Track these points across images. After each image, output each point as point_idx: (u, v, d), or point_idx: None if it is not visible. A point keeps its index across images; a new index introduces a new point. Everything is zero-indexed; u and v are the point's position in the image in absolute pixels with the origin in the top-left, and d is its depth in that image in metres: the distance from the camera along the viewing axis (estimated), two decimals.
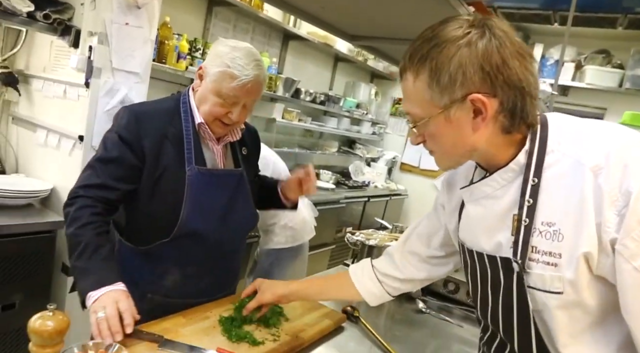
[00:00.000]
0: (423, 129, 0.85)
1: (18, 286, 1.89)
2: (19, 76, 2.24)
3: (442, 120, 0.81)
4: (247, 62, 1.29)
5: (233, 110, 1.31)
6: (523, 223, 0.82)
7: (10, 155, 2.34)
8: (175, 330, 1.16)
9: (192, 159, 1.32)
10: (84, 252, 1.16)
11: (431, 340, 1.48)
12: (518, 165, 0.85)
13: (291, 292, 1.29)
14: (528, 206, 0.82)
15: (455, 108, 0.80)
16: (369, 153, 5.25)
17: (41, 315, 0.71)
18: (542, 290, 0.82)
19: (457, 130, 0.82)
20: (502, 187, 0.87)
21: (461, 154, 0.87)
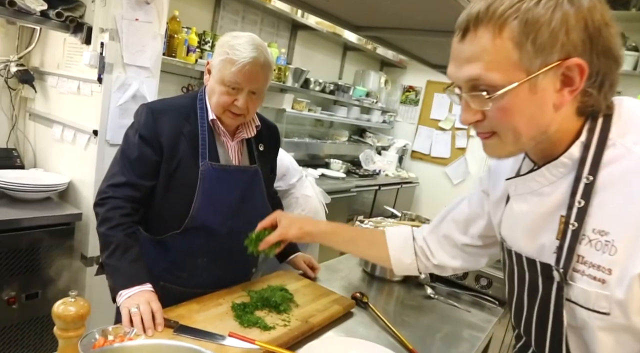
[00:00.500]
0: (493, 102, 0.69)
1: (40, 276, 1.97)
2: (35, 73, 2.30)
3: (525, 90, 0.67)
4: (246, 47, 1.31)
5: (238, 97, 1.33)
6: (570, 227, 0.71)
7: (29, 151, 2.42)
8: (189, 316, 1.21)
9: (205, 155, 1.36)
10: (114, 252, 1.25)
11: (439, 325, 1.51)
12: (571, 159, 0.73)
13: (319, 232, 1.22)
14: (579, 208, 0.71)
15: (544, 75, 0.66)
16: (380, 141, 5.26)
17: (64, 301, 0.76)
18: (584, 307, 0.71)
19: (537, 104, 0.68)
20: (551, 183, 0.76)
21: (532, 136, 0.72)
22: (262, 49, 1.35)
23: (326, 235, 1.23)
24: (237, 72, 1.30)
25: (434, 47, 1.84)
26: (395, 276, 1.83)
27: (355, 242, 1.26)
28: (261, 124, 1.52)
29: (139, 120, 1.36)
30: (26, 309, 1.95)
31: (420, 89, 5.46)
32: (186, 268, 1.42)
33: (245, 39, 1.34)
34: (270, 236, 1.21)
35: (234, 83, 1.32)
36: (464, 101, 0.72)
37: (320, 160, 4.58)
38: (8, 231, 1.84)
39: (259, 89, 1.37)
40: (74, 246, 2.09)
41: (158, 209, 1.40)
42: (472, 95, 0.70)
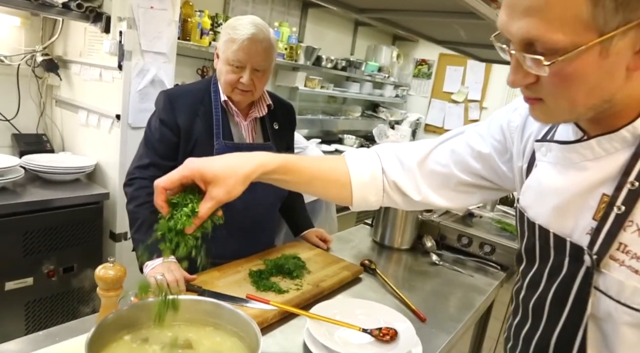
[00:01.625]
0: (550, 65, 0.56)
1: (74, 251, 2.14)
2: (59, 62, 2.43)
3: (594, 54, 0.55)
4: (245, 26, 1.40)
5: (243, 75, 1.42)
6: (615, 210, 0.63)
7: (57, 135, 2.57)
8: (211, 282, 1.34)
9: (220, 134, 1.47)
10: (141, 227, 1.39)
11: (444, 289, 1.61)
12: (633, 135, 0.62)
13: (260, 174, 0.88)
14: (630, 190, 0.62)
15: (621, 35, 0.54)
16: (393, 116, 5.31)
17: (104, 266, 0.89)
18: (614, 299, 0.64)
19: (606, 71, 0.57)
20: (598, 158, 0.66)
21: (591, 105, 0.61)
22: (262, 27, 1.43)
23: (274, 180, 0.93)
24: (237, 50, 1.39)
25: (439, 26, 1.88)
26: (403, 244, 1.95)
27: (312, 183, 0.98)
28: (276, 103, 1.61)
29: (159, 106, 1.48)
30: (64, 281, 2.13)
31: (433, 62, 5.45)
32: (207, 241, 1.53)
33: (246, 20, 1.43)
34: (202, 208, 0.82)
35: (236, 61, 1.41)
36: (515, 59, 0.61)
37: (334, 136, 4.67)
38: (44, 210, 2.01)
39: (262, 65, 1.44)
40: (103, 223, 2.26)
41: None
42: (526, 57, 0.58)
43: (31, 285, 2.01)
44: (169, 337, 0.81)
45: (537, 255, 0.77)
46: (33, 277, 2.01)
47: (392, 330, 1.16)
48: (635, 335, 0.64)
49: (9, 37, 2.33)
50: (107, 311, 0.90)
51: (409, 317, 1.26)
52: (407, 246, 1.95)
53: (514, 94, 4.82)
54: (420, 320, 1.35)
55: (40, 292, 2.06)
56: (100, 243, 2.26)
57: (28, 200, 1.96)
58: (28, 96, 2.45)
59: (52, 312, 2.13)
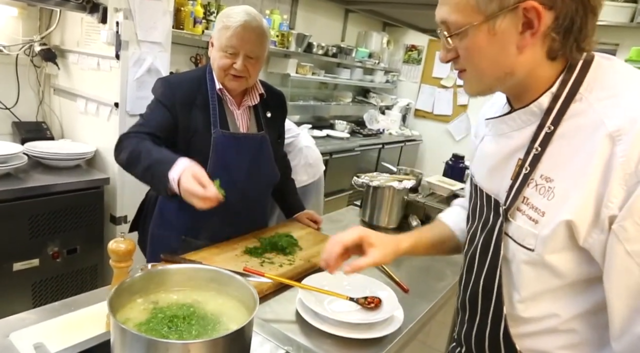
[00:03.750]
0: (459, 41, 0.76)
1: (77, 234, 2.25)
2: (56, 51, 2.49)
3: (484, 32, 0.72)
4: (239, 13, 1.47)
5: (236, 61, 1.48)
6: (523, 171, 0.78)
7: (56, 123, 2.65)
8: (210, 258, 1.45)
9: (217, 123, 1.53)
10: (144, 155, 1.36)
11: (425, 263, 1.70)
12: (539, 109, 0.77)
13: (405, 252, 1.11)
14: (534, 154, 0.76)
15: (502, 17, 0.70)
16: (383, 101, 5.40)
17: (116, 240, 0.99)
18: (516, 242, 0.79)
19: (499, 46, 0.73)
20: (520, 129, 0.81)
21: (496, 76, 0.77)
22: (255, 16, 1.50)
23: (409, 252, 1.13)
24: (231, 36, 1.45)
25: (422, 15, 1.97)
26: (390, 224, 2.06)
27: (435, 247, 1.18)
28: (267, 92, 1.67)
29: (157, 91, 1.53)
30: (68, 262, 2.24)
31: (423, 48, 5.53)
32: (203, 225, 1.58)
33: (240, 9, 1.50)
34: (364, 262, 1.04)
35: (229, 47, 1.47)
36: (442, 40, 0.80)
37: (326, 122, 4.76)
38: (47, 195, 2.10)
39: (255, 52, 1.50)
40: (104, 207, 2.36)
41: None
42: (443, 35, 0.78)
43: (37, 266, 2.12)
44: (174, 299, 0.92)
45: (477, 212, 0.92)
46: (39, 259, 2.12)
47: (376, 298, 1.28)
48: (532, 272, 0.78)
49: (7, 27, 2.39)
50: (119, 281, 1.01)
51: (393, 288, 1.36)
52: (394, 225, 2.07)
53: None
54: (403, 290, 1.46)
55: (46, 273, 2.17)
56: (101, 226, 2.36)
57: (32, 185, 2.05)
58: (27, 85, 2.52)
59: (57, 291, 2.24)
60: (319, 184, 2.85)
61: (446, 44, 0.78)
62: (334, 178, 3.07)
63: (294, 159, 2.63)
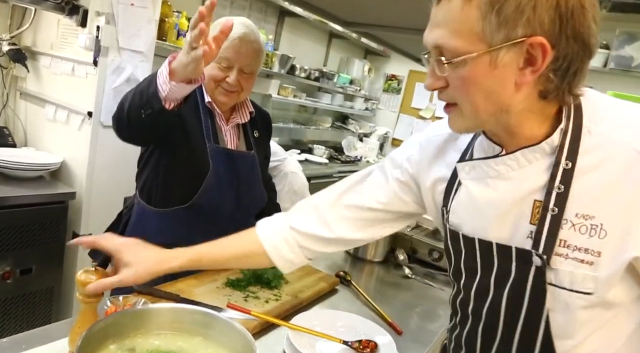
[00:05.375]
0: (452, 70, 0.69)
1: (34, 252, 2.03)
2: (27, 53, 2.32)
3: (484, 63, 0.67)
4: (236, 25, 1.36)
5: (230, 74, 1.38)
6: (550, 213, 0.71)
7: (19, 129, 2.44)
8: (188, 291, 1.31)
9: (210, 137, 1.42)
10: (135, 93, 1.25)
11: (416, 302, 1.64)
12: (551, 146, 0.72)
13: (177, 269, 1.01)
14: (558, 193, 0.71)
15: (506, 50, 0.65)
16: (362, 128, 5.38)
17: (86, 270, 0.84)
18: (567, 289, 0.72)
19: (497, 81, 0.68)
20: (522, 168, 0.75)
21: (490, 112, 0.71)
22: (253, 29, 1.40)
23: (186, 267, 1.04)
24: (226, 48, 1.34)
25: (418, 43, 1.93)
26: (376, 257, 1.96)
27: (229, 263, 1.10)
28: (255, 111, 1.58)
29: None
30: (20, 284, 2.02)
31: (403, 78, 5.57)
32: (183, 245, 1.47)
33: (238, 20, 1.40)
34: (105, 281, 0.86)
35: (224, 59, 1.36)
36: (431, 66, 0.72)
37: (304, 146, 4.68)
38: (3, 208, 1.90)
39: (250, 67, 1.40)
40: (67, 224, 2.16)
41: (164, 180, 1.45)
42: (435, 60, 0.70)
43: None
44: (155, 345, 0.78)
45: (479, 267, 0.82)
46: None
47: (372, 342, 1.17)
48: (588, 314, 0.73)
49: None
50: (86, 317, 0.86)
51: (386, 330, 1.27)
52: (379, 259, 1.97)
53: None
54: (397, 332, 1.36)
55: None
56: (62, 245, 2.15)
57: None
58: None
59: (6, 316, 2.01)
60: None
61: (437, 71, 0.71)
62: None
63: (278, 185, 2.51)
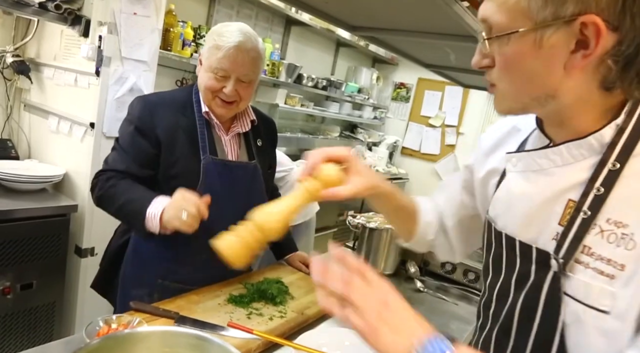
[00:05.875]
0: (497, 47, 0.64)
1: (34, 267, 1.98)
2: (30, 64, 2.30)
3: (529, 41, 0.61)
4: (233, 33, 1.31)
5: (226, 84, 1.32)
6: (582, 215, 0.64)
7: (23, 141, 2.42)
8: (189, 308, 1.25)
9: (206, 149, 1.36)
10: (120, 194, 1.27)
11: (428, 317, 1.53)
12: (600, 143, 0.64)
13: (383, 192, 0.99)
14: (596, 195, 0.63)
15: (554, 29, 0.58)
16: (371, 137, 5.31)
17: None
18: (581, 302, 0.64)
19: (543, 62, 0.61)
20: (566, 164, 0.67)
21: (534, 96, 0.65)
22: (250, 36, 1.34)
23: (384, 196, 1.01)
24: (222, 58, 1.30)
25: (428, 48, 1.87)
26: (386, 270, 1.89)
27: (397, 212, 1.07)
28: (259, 119, 1.52)
29: (134, 113, 1.36)
30: (21, 299, 1.97)
31: (412, 86, 5.51)
32: (186, 265, 1.41)
33: (234, 27, 1.34)
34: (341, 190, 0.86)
35: (220, 70, 1.31)
36: (479, 41, 0.68)
37: None
38: (3, 222, 1.85)
39: (248, 76, 1.35)
40: (69, 237, 2.11)
41: None
42: (481, 35, 0.66)
43: None
44: None
45: (504, 265, 0.78)
46: None
47: None
48: (603, 336, 0.63)
49: None
50: None
51: None
52: (390, 271, 1.90)
53: (490, 121, 4.91)
54: None
55: None
56: (64, 259, 2.10)
57: None
58: None
59: (7, 333, 1.95)
60: (310, 224, 2.67)
61: (482, 48, 0.67)
62: (319, 216, 2.93)
63: (284, 194, 2.46)
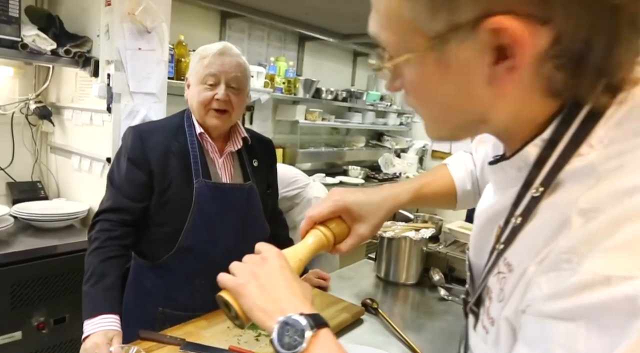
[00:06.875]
0: (399, 69, 0.49)
1: (66, 301, 2.06)
2: (52, 108, 2.42)
3: (431, 61, 0.45)
4: (214, 45, 1.39)
5: (217, 90, 1.36)
6: (498, 247, 0.52)
7: (52, 182, 2.54)
8: (197, 333, 1.24)
9: (199, 172, 1.38)
10: (90, 279, 1.27)
11: (453, 327, 1.48)
12: (525, 162, 0.49)
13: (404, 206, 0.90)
14: (513, 226, 0.49)
15: (457, 41, 0.43)
16: (398, 144, 5.24)
17: None
18: None
19: (456, 83, 0.46)
20: (513, 179, 0.52)
21: (458, 124, 0.51)
22: (232, 46, 1.41)
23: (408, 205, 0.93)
24: (209, 64, 1.35)
25: None
26: (409, 280, 1.83)
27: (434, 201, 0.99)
28: (253, 139, 1.53)
29: (126, 143, 1.40)
30: (55, 333, 2.04)
31: None
32: (185, 291, 1.41)
33: (216, 43, 1.41)
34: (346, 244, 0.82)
35: (209, 76, 1.35)
36: None
37: (339, 168, 4.60)
38: (35, 259, 1.94)
39: (237, 81, 1.39)
40: None
41: (153, 232, 1.43)
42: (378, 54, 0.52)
43: (20, 339, 1.92)
44: None
45: None
46: (22, 331, 1.92)
47: None
48: None
49: (3, 87, 2.34)
50: None
51: None
52: (413, 281, 1.83)
53: None
54: None
55: (30, 347, 1.97)
56: None
57: (17, 249, 1.90)
58: (22, 144, 2.43)
59: None
60: None
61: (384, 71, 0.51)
62: None
63: (302, 212, 2.44)
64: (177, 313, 1.39)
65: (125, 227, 1.36)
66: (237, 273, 0.65)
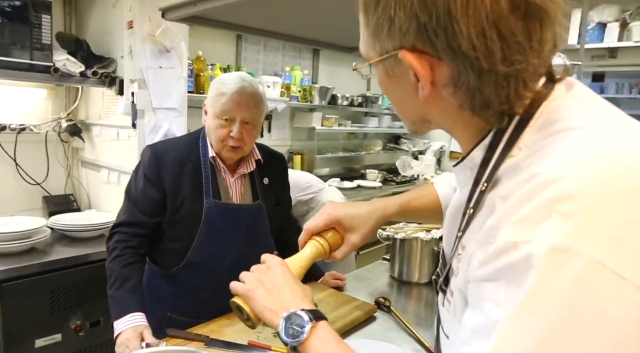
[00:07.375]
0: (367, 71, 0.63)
1: (100, 305, 2.19)
2: (81, 126, 2.59)
3: (382, 70, 0.59)
4: (233, 80, 1.43)
5: (232, 128, 1.42)
6: (458, 234, 0.60)
7: (83, 195, 2.70)
8: (220, 331, 1.34)
9: (209, 192, 1.46)
10: (114, 284, 1.39)
11: None
12: (473, 163, 0.58)
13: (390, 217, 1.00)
14: (468, 216, 0.58)
15: (391, 61, 0.55)
16: (415, 146, 5.27)
17: None
18: None
19: (399, 89, 0.59)
20: (467, 178, 0.62)
21: (413, 119, 0.63)
22: (250, 81, 1.46)
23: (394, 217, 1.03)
24: (226, 102, 1.40)
25: None
26: (422, 279, 1.90)
27: (421, 216, 1.10)
28: (266, 155, 1.59)
29: (144, 161, 1.49)
30: (91, 336, 2.18)
31: None
32: (191, 300, 1.50)
33: (235, 75, 1.47)
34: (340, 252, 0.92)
35: (225, 113, 1.41)
36: None
37: (357, 172, 4.67)
38: (70, 267, 2.09)
39: (252, 118, 1.45)
40: None
41: (166, 244, 1.51)
42: None
43: (60, 341, 2.06)
44: None
45: None
46: (61, 333, 2.07)
47: None
48: None
49: (37, 108, 2.51)
50: None
51: None
52: (425, 280, 1.90)
53: None
54: None
55: (69, 348, 2.11)
56: None
57: (54, 258, 2.04)
58: (55, 160, 2.61)
59: None
60: None
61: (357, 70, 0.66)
62: None
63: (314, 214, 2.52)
64: (183, 319, 1.45)
65: (140, 238, 1.46)
66: (246, 281, 0.77)
